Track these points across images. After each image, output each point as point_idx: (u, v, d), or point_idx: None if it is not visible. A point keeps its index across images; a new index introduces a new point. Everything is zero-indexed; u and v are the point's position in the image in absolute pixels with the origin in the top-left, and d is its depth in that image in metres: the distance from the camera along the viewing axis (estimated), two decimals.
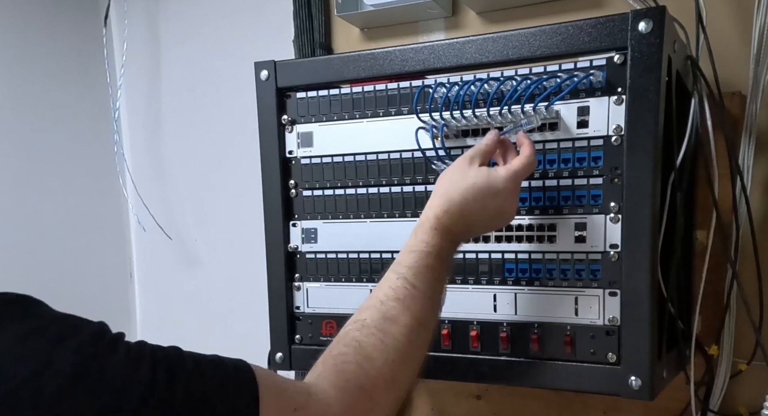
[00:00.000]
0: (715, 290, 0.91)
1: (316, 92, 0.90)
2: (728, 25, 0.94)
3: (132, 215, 1.55)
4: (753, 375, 0.93)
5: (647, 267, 0.73)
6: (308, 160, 0.92)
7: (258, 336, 1.02)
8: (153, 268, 1.58)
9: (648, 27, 0.71)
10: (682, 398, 0.92)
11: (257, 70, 0.92)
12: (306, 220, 0.92)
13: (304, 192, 0.92)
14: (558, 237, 0.79)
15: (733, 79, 0.93)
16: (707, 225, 0.87)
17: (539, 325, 0.80)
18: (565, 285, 0.79)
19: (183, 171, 1.50)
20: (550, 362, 0.79)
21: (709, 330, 0.92)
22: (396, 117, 0.86)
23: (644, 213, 0.73)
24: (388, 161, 0.87)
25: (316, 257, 0.92)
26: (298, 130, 0.92)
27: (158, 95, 1.50)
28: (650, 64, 0.71)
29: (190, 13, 1.44)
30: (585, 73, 0.75)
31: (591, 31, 0.74)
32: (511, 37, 0.79)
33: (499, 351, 0.82)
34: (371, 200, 0.88)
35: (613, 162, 0.75)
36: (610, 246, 0.76)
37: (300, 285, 0.93)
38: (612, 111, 0.75)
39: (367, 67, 0.86)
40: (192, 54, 1.45)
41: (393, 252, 0.87)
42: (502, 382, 0.82)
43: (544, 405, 1.09)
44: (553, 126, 0.78)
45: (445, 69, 0.83)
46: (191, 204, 1.49)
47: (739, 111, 0.92)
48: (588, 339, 0.77)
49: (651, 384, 0.73)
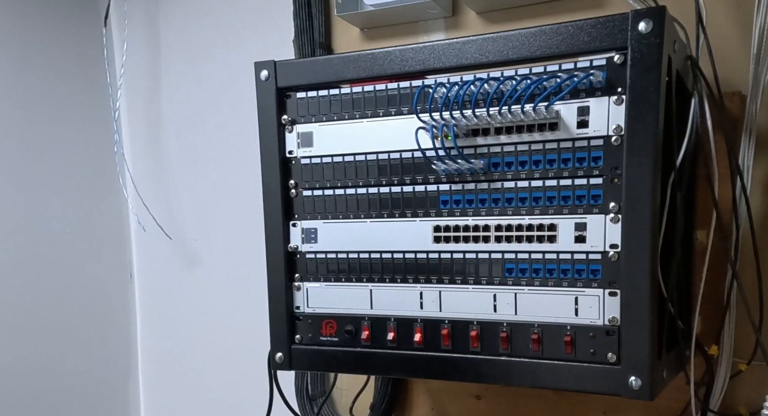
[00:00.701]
0: (715, 290, 0.91)
1: (316, 92, 0.90)
2: (728, 25, 0.94)
3: (132, 215, 1.55)
4: (753, 375, 0.93)
5: (647, 267, 0.73)
6: (308, 160, 0.92)
7: (258, 336, 1.02)
8: (153, 268, 1.58)
9: (648, 27, 0.71)
10: (682, 398, 0.92)
11: (257, 70, 0.92)
12: (306, 220, 0.93)
13: (304, 192, 0.92)
14: (558, 237, 0.79)
15: (733, 79, 0.93)
16: (707, 225, 0.87)
17: (539, 325, 0.80)
18: (565, 285, 0.79)
19: (183, 171, 1.50)
20: (550, 362, 0.79)
21: (709, 330, 0.92)
22: (396, 117, 0.86)
23: (644, 213, 0.73)
24: (388, 161, 0.87)
25: (316, 257, 0.92)
26: (298, 130, 0.92)
27: (158, 95, 1.50)
28: (650, 64, 0.71)
29: (190, 13, 1.44)
30: (585, 73, 0.75)
31: (591, 31, 0.74)
32: (511, 37, 0.79)
33: (499, 351, 0.82)
34: (371, 200, 0.88)
35: (613, 162, 0.75)
36: (610, 246, 0.76)
37: (300, 285, 0.93)
38: (612, 111, 0.75)
39: (367, 67, 0.86)
40: (192, 54, 1.45)
41: (393, 252, 0.87)
42: (502, 382, 0.82)
43: (544, 405, 1.09)
44: (553, 126, 0.78)
45: (445, 69, 0.83)
46: (191, 204, 1.49)
47: (739, 111, 0.92)
48: (588, 339, 0.77)
49: (651, 384, 0.73)
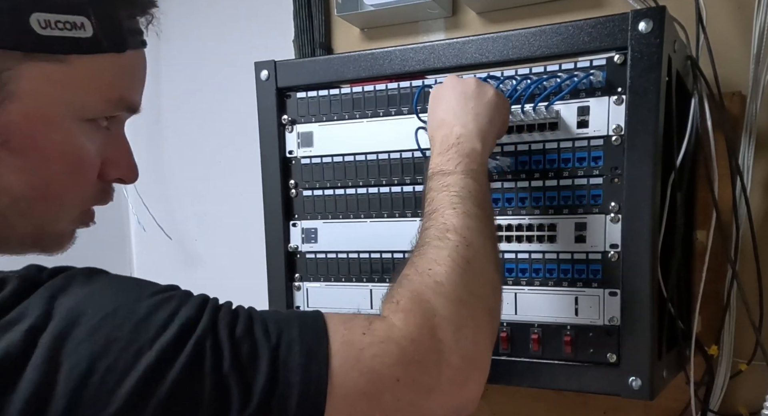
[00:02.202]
0: (715, 290, 0.91)
1: (316, 92, 0.90)
2: (728, 25, 0.94)
3: (132, 215, 1.55)
4: (753, 375, 0.93)
5: (647, 267, 0.73)
6: (308, 159, 0.92)
7: None
8: (153, 268, 1.58)
9: (648, 27, 0.71)
10: (682, 398, 0.92)
11: (257, 70, 0.92)
12: (306, 220, 0.92)
13: (304, 192, 0.92)
14: (558, 237, 0.79)
15: (733, 79, 0.93)
16: (707, 225, 0.87)
17: (539, 325, 0.80)
18: (565, 285, 0.79)
19: (183, 171, 1.50)
20: (550, 362, 0.79)
21: (709, 330, 0.92)
22: (396, 117, 0.86)
23: (644, 213, 0.73)
24: (388, 161, 0.87)
25: (316, 257, 0.92)
26: (298, 129, 0.92)
27: (158, 95, 1.50)
28: (650, 64, 0.71)
29: (190, 13, 1.44)
30: (585, 72, 0.75)
31: (591, 31, 0.74)
32: (511, 37, 0.79)
33: (499, 351, 0.82)
34: (371, 200, 0.88)
35: (613, 162, 0.75)
36: (610, 246, 0.76)
37: (300, 285, 0.93)
38: (612, 111, 0.75)
39: (367, 67, 0.86)
40: (192, 54, 1.45)
41: (393, 252, 0.87)
42: (502, 382, 0.82)
43: (544, 405, 1.09)
44: (553, 126, 0.78)
45: (445, 69, 0.83)
46: (191, 204, 1.49)
47: (739, 111, 0.92)
48: (588, 339, 0.77)
49: (651, 384, 0.73)
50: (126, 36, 0.55)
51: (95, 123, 0.56)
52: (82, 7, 0.51)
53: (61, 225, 0.58)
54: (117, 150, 0.60)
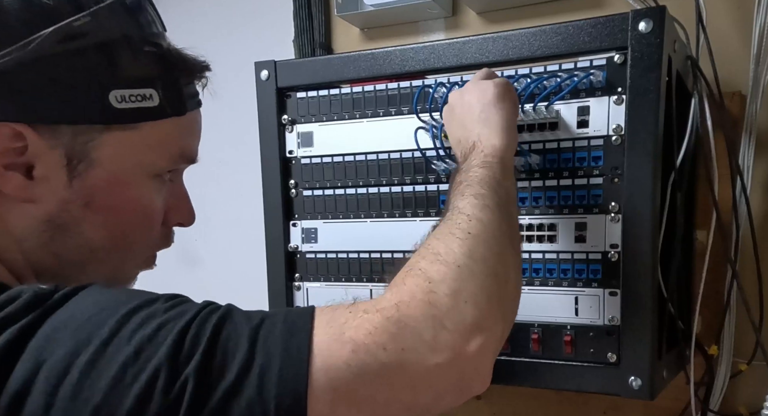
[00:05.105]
0: (715, 290, 0.91)
1: (316, 92, 0.90)
2: (728, 25, 0.94)
3: None
4: (753, 375, 0.93)
5: (647, 267, 0.73)
6: (308, 159, 0.92)
7: None
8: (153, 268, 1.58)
9: (648, 27, 0.71)
10: (682, 398, 0.92)
11: (257, 70, 0.92)
12: (306, 220, 0.92)
13: (304, 192, 0.92)
14: (558, 237, 0.79)
15: (733, 79, 0.93)
16: (707, 225, 0.87)
17: (539, 325, 0.80)
18: (565, 285, 0.79)
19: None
20: (550, 362, 0.79)
21: (709, 330, 0.92)
22: (396, 117, 0.86)
23: (644, 213, 0.73)
24: (388, 161, 0.87)
25: (316, 257, 0.92)
26: (298, 129, 0.92)
27: None
28: (650, 63, 0.71)
29: (189, 12, 1.44)
30: (585, 72, 0.75)
31: (591, 31, 0.74)
32: (511, 37, 0.79)
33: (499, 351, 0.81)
34: (371, 200, 0.88)
35: (613, 162, 0.75)
36: (610, 246, 0.76)
37: (300, 285, 0.93)
38: (612, 111, 0.75)
39: (367, 67, 0.86)
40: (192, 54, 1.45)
41: (393, 252, 0.87)
42: (502, 382, 0.82)
43: (544, 405, 1.09)
44: (553, 126, 0.78)
45: (445, 69, 0.83)
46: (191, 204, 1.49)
47: (739, 111, 0.92)
48: (588, 339, 0.77)
49: (651, 384, 0.73)
50: (186, 100, 0.64)
51: (160, 177, 0.64)
52: (151, 81, 0.59)
53: (130, 270, 0.68)
54: (178, 198, 0.69)
